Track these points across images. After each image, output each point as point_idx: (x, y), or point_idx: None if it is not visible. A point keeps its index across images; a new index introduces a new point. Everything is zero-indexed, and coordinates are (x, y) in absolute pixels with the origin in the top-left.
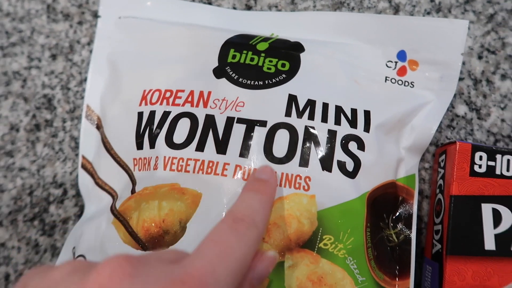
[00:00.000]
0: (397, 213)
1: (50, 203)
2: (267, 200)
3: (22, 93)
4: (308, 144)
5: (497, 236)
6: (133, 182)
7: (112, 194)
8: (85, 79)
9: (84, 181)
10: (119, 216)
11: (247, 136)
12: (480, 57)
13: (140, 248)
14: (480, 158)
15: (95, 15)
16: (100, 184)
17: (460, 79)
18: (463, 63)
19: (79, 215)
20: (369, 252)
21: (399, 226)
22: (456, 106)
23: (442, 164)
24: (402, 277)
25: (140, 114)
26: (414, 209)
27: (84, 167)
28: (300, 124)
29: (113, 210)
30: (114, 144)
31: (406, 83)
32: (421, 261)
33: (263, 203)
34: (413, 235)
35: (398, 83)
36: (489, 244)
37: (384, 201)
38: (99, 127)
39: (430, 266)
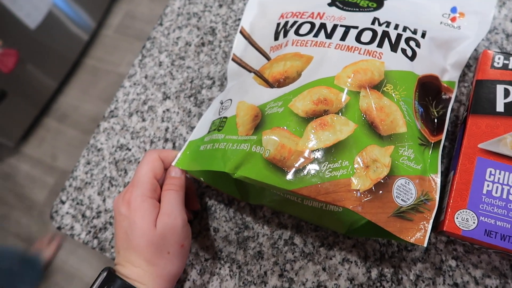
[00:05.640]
0: (440, 98)
1: (202, 88)
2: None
3: (197, 25)
4: (383, 38)
5: (505, 104)
6: (268, 59)
7: (249, 69)
8: (239, 19)
9: (232, 69)
10: (257, 73)
11: (346, 32)
12: None
13: (268, 86)
14: (499, 58)
15: None
16: (243, 65)
17: (496, 33)
18: (499, 24)
19: None
20: (416, 107)
21: (439, 106)
22: (492, 50)
23: (474, 72)
24: (438, 134)
25: (278, 24)
26: (452, 97)
27: (233, 60)
28: (379, 28)
29: (254, 71)
30: (258, 41)
31: (455, 26)
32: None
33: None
34: (449, 112)
35: (449, 26)
36: (500, 107)
37: (430, 87)
38: (246, 38)
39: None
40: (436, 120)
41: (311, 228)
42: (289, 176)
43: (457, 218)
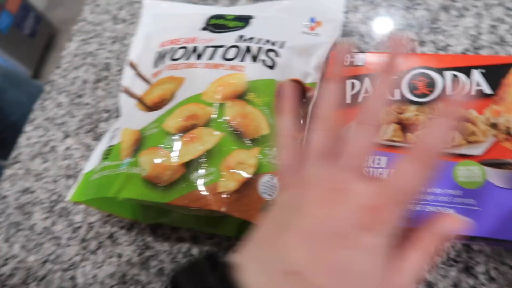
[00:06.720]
0: (305, 99)
1: (100, 122)
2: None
3: (92, 63)
4: (246, 53)
5: (352, 95)
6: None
7: (137, 97)
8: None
9: (123, 100)
10: (139, 99)
11: (214, 52)
12: (364, 23)
13: (148, 110)
14: (347, 57)
15: None
16: (131, 95)
17: (353, 35)
18: (355, 27)
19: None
20: None
21: (305, 106)
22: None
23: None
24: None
25: (158, 52)
26: (315, 94)
27: (124, 91)
28: (243, 44)
29: (138, 98)
30: (143, 70)
31: (314, 34)
32: None
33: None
34: (309, 111)
35: (309, 35)
36: (348, 99)
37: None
38: (134, 69)
39: None
40: (304, 119)
41: (207, 237)
42: (164, 190)
43: None
